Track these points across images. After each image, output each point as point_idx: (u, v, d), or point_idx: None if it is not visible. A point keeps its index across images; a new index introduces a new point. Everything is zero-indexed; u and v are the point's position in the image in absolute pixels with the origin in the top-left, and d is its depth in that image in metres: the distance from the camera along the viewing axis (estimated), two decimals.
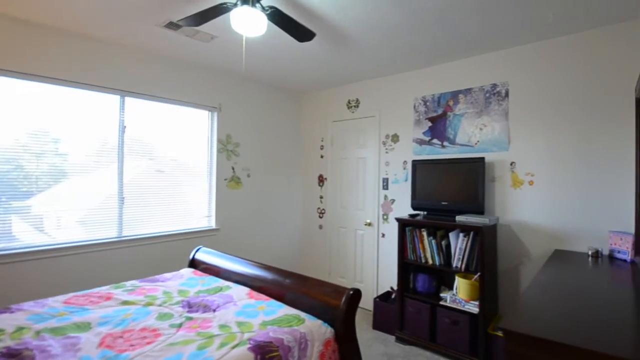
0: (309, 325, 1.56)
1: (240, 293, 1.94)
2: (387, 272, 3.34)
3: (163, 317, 1.63)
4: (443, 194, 2.76)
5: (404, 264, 2.77)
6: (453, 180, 2.71)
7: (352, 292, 1.62)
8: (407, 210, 3.16)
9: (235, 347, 1.35)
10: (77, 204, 2.52)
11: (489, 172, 2.72)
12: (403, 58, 2.90)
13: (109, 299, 1.82)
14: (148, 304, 1.78)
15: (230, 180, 3.44)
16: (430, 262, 2.65)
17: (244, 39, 2.53)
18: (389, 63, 3.03)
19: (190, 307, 1.77)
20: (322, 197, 3.98)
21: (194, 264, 2.50)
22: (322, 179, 3.98)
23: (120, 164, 2.70)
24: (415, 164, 2.93)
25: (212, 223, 3.32)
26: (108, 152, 2.66)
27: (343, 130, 3.78)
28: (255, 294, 1.93)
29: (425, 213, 2.91)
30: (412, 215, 2.85)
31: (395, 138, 3.33)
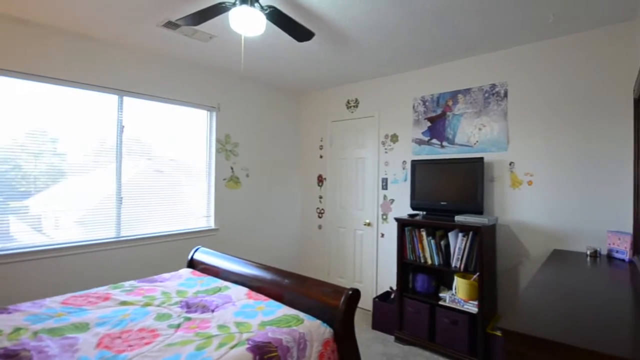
0: (308, 326, 1.56)
1: (239, 293, 1.94)
2: (386, 272, 3.34)
3: (161, 317, 1.63)
4: (442, 194, 2.76)
5: (403, 264, 2.78)
6: (452, 180, 2.72)
7: (351, 292, 1.62)
8: (406, 210, 3.16)
9: (234, 347, 1.34)
10: (75, 204, 2.51)
11: (488, 172, 2.72)
12: (402, 58, 2.90)
13: (107, 300, 1.82)
14: (146, 305, 1.78)
15: (229, 180, 3.44)
16: (430, 262, 2.65)
17: (243, 39, 2.53)
18: (389, 63, 3.03)
19: (189, 307, 1.77)
20: (321, 197, 3.98)
21: (193, 264, 2.49)
22: (321, 179, 3.98)
23: (119, 164, 2.70)
24: (415, 164, 2.93)
25: (211, 223, 3.31)
26: (106, 152, 2.65)
27: (342, 130, 3.78)
28: (254, 294, 1.92)
29: (425, 213, 2.92)
30: (411, 215, 2.85)
31: (395, 138, 3.33)
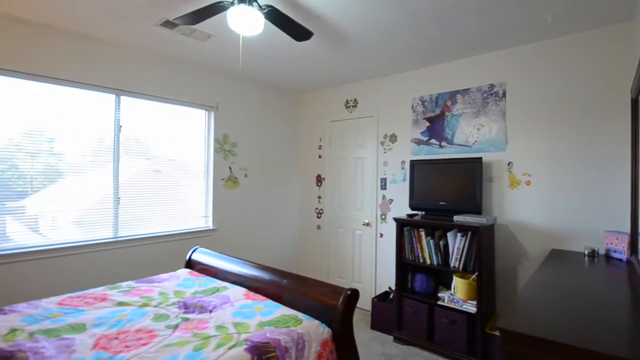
0: (307, 326, 1.55)
1: (237, 294, 1.93)
2: (385, 272, 3.34)
3: (159, 318, 1.62)
4: (441, 194, 2.76)
5: (402, 264, 2.77)
6: (451, 180, 2.72)
7: (349, 292, 1.61)
8: (405, 210, 3.16)
9: (232, 347, 1.34)
10: (72, 204, 2.50)
11: (487, 172, 2.72)
12: (401, 58, 2.90)
13: (104, 300, 1.81)
14: (144, 305, 1.77)
15: (228, 180, 3.43)
16: (428, 262, 2.65)
17: (241, 38, 2.52)
18: (387, 63, 3.03)
19: (187, 308, 1.76)
20: (320, 197, 3.97)
21: (191, 265, 2.48)
22: (320, 179, 3.98)
23: (116, 164, 2.68)
24: (414, 164, 2.93)
25: (209, 223, 3.30)
26: (104, 151, 2.64)
27: (341, 130, 3.78)
28: (253, 295, 1.92)
29: (423, 213, 2.91)
30: (410, 215, 2.84)
31: (394, 138, 3.32)
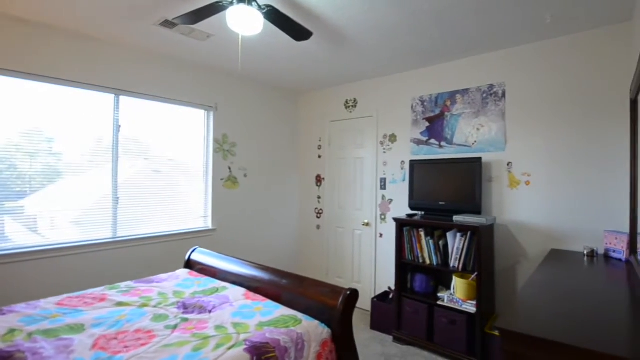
0: (306, 326, 1.55)
1: (237, 294, 1.93)
2: (384, 272, 3.34)
3: (158, 318, 1.61)
4: (440, 194, 2.76)
5: (402, 264, 2.77)
6: (450, 181, 2.71)
7: (349, 292, 1.61)
8: (404, 210, 3.16)
9: (231, 348, 1.33)
10: (71, 204, 2.49)
11: (486, 172, 2.72)
12: (401, 58, 2.90)
13: (103, 300, 1.80)
14: (143, 305, 1.76)
15: (227, 180, 3.42)
16: (428, 262, 2.65)
17: (240, 38, 2.52)
18: (387, 63, 3.03)
19: (186, 308, 1.75)
20: (319, 197, 3.97)
21: (190, 265, 2.48)
22: (319, 179, 3.97)
23: (115, 164, 2.68)
24: (413, 164, 2.93)
25: (208, 223, 3.30)
26: (103, 151, 2.63)
27: (341, 130, 3.78)
28: (252, 295, 1.91)
29: (423, 213, 2.91)
30: (409, 215, 2.84)
31: (393, 138, 3.32)
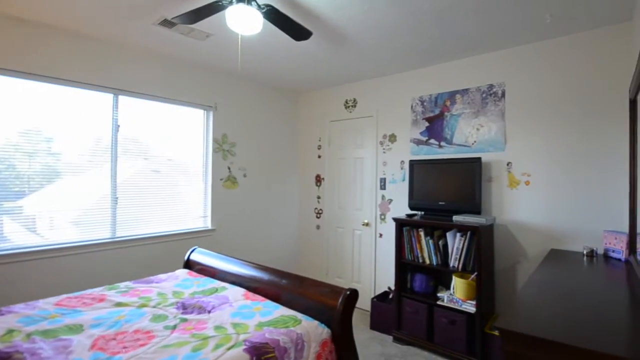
0: (306, 326, 1.55)
1: (236, 294, 1.93)
2: (384, 272, 3.33)
3: (157, 318, 1.61)
4: (440, 194, 2.76)
5: (402, 264, 2.77)
6: (450, 180, 2.71)
7: (349, 292, 1.61)
8: (404, 210, 3.16)
9: (231, 348, 1.33)
10: (70, 204, 2.48)
11: (486, 172, 2.72)
12: (400, 58, 2.89)
13: (102, 301, 1.80)
14: (142, 306, 1.76)
15: (227, 180, 3.42)
16: (428, 262, 2.64)
17: (240, 38, 2.51)
18: (387, 63, 3.02)
19: (185, 308, 1.75)
20: (319, 197, 3.96)
21: (189, 265, 2.47)
22: (319, 179, 3.97)
23: (114, 164, 2.67)
24: (413, 164, 2.93)
25: (207, 223, 3.29)
26: (102, 151, 2.62)
27: (340, 130, 3.77)
28: (251, 295, 1.91)
29: (423, 213, 2.91)
30: (409, 215, 2.84)
31: (393, 138, 3.32)
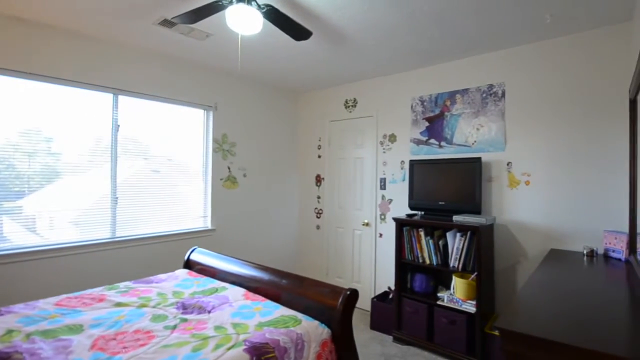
0: (306, 326, 1.55)
1: (236, 294, 1.93)
2: (384, 272, 3.33)
3: (157, 318, 1.61)
4: (440, 194, 2.76)
5: (402, 264, 2.77)
6: (450, 180, 2.71)
7: (349, 292, 1.61)
8: (404, 210, 3.15)
9: (231, 348, 1.33)
10: (70, 204, 2.48)
11: (486, 172, 2.72)
12: (400, 58, 2.89)
13: (102, 301, 1.80)
14: (142, 306, 1.76)
15: (226, 180, 3.41)
16: (428, 262, 2.64)
17: (240, 38, 2.51)
18: (387, 63, 3.02)
19: (185, 308, 1.75)
20: (319, 197, 3.96)
21: (189, 265, 2.47)
22: (319, 179, 3.97)
23: (114, 164, 2.67)
24: (413, 164, 2.93)
25: (207, 223, 3.29)
26: (102, 151, 2.62)
27: (340, 130, 3.77)
28: (252, 295, 1.91)
29: (423, 213, 2.91)
30: (409, 215, 2.84)
31: (393, 138, 3.32)
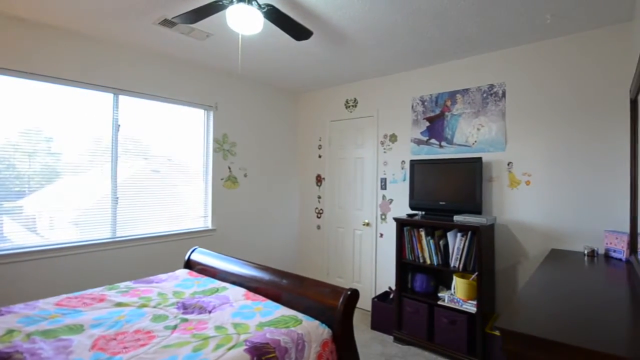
0: (306, 326, 1.55)
1: (237, 294, 1.92)
2: (385, 272, 3.33)
3: (157, 318, 1.61)
4: (441, 194, 2.76)
5: (402, 264, 2.76)
6: (451, 180, 2.71)
7: (349, 292, 1.60)
8: (405, 210, 3.15)
9: (231, 348, 1.33)
10: (70, 204, 2.48)
11: (486, 172, 2.72)
12: (401, 58, 2.89)
13: (102, 301, 1.79)
14: (142, 306, 1.75)
15: (227, 180, 3.41)
16: (428, 262, 2.64)
17: (240, 37, 2.51)
18: (387, 63, 3.02)
19: (186, 308, 1.74)
20: (320, 197, 3.96)
21: (190, 265, 2.47)
22: (320, 179, 3.97)
23: (114, 164, 2.67)
24: (413, 164, 2.92)
25: (208, 223, 3.29)
26: (102, 151, 2.62)
27: (341, 130, 3.77)
28: (252, 295, 1.91)
29: (423, 213, 2.91)
30: (410, 215, 2.84)
31: (393, 138, 3.32)
